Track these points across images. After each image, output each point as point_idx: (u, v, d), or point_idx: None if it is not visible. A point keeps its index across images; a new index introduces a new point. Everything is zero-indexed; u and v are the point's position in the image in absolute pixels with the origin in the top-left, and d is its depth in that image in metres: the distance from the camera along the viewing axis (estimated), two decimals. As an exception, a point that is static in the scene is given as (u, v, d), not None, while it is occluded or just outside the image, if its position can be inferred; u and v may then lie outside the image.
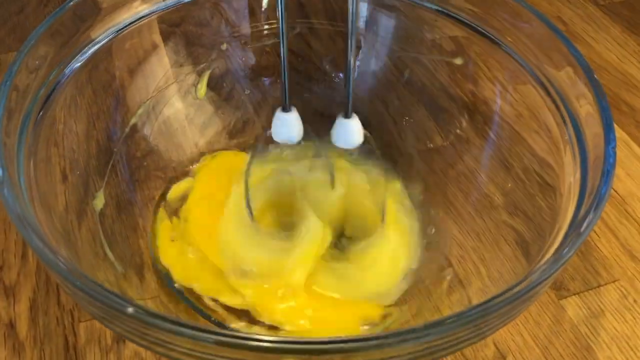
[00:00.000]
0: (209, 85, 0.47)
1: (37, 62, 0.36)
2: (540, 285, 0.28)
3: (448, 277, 0.40)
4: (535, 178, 0.39)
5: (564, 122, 0.37)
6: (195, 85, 0.47)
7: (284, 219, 0.42)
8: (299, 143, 0.39)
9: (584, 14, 0.63)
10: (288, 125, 0.38)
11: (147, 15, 0.43)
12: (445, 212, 0.43)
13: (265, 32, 0.47)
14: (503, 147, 0.43)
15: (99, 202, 0.40)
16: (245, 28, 0.47)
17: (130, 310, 0.24)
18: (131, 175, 0.43)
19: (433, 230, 0.42)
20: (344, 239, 0.42)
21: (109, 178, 0.41)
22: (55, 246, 0.30)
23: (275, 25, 0.47)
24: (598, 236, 0.44)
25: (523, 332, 0.38)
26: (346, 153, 0.43)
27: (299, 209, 0.41)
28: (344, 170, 0.43)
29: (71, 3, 0.38)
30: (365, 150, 0.41)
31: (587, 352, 0.38)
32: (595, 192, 0.30)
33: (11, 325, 0.38)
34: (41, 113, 0.36)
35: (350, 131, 0.38)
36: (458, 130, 0.45)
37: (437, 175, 0.45)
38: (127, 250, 0.39)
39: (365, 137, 0.39)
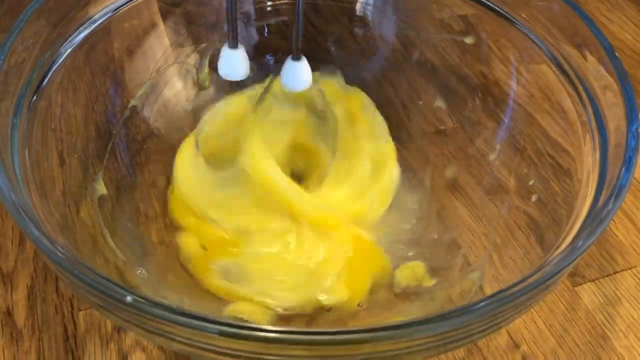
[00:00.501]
0: (210, 65, 0.45)
1: (30, 42, 0.35)
2: (557, 275, 0.27)
3: (459, 264, 0.39)
4: (549, 162, 0.38)
5: (582, 103, 0.35)
6: (197, 69, 0.45)
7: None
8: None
9: (597, -8, 0.61)
10: (235, 63, 0.37)
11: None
12: (455, 196, 0.42)
13: (269, 9, 0.46)
14: (515, 130, 0.41)
15: (101, 187, 0.38)
16: (249, 6, 0.46)
17: (129, 299, 0.23)
18: (131, 158, 0.42)
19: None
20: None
21: (108, 162, 0.40)
22: (52, 234, 0.29)
23: (278, 2, 0.46)
24: (614, 222, 0.42)
25: (537, 320, 0.37)
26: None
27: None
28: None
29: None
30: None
31: (603, 340, 0.37)
32: (616, 180, 0.29)
33: (8, 313, 0.37)
34: (36, 95, 0.35)
35: (298, 74, 0.36)
36: (469, 113, 0.44)
37: (447, 158, 0.43)
38: (128, 236, 0.38)
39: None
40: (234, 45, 0.36)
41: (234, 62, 0.37)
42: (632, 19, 0.58)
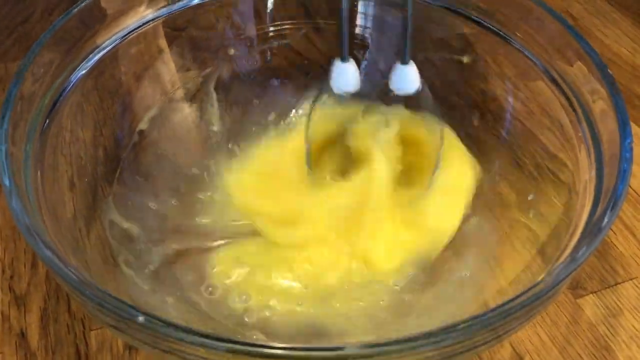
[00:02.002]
0: (216, 89, 0.46)
1: (42, 70, 0.36)
2: (558, 286, 0.27)
3: (462, 278, 0.39)
4: (549, 176, 0.39)
5: (578, 118, 0.36)
6: (203, 92, 0.46)
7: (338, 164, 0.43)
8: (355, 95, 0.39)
9: (592, 8, 0.62)
10: (346, 75, 0.38)
11: (152, 20, 0.43)
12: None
13: (272, 34, 0.47)
14: (515, 145, 0.42)
15: (111, 210, 0.39)
16: (251, 31, 0.47)
17: (141, 319, 0.23)
18: (140, 181, 0.43)
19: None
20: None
21: (118, 185, 0.41)
22: (65, 256, 0.29)
23: (281, 27, 0.47)
24: (614, 233, 0.43)
25: (540, 332, 0.38)
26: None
27: (357, 151, 0.42)
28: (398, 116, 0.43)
29: (76, 10, 0.38)
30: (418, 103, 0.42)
31: (607, 351, 0.37)
32: (612, 191, 0.30)
33: (22, 335, 0.38)
34: (47, 121, 0.36)
35: (407, 76, 0.38)
36: (469, 129, 0.45)
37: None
38: (138, 257, 0.39)
39: (422, 85, 0.39)
40: (345, 59, 0.38)
41: (347, 75, 0.38)
42: (628, 33, 0.59)
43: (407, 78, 0.38)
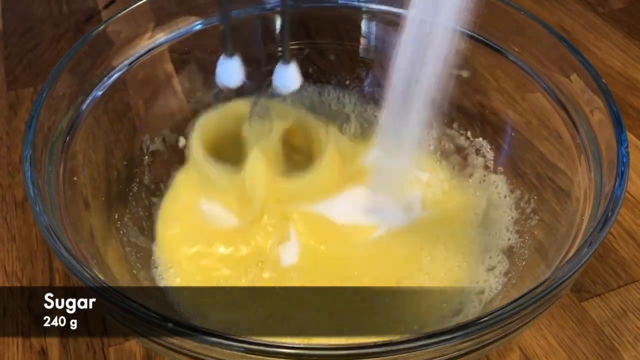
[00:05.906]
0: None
1: (57, 100, 0.37)
2: (562, 285, 0.28)
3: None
4: (549, 184, 0.40)
5: (576, 128, 0.38)
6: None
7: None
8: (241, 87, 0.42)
9: (584, 22, 0.64)
10: (230, 70, 0.40)
11: (158, 46, 0.44)
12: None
13: (280, 53, 0.48)
14: (515, 156, 0.43)
15: (126, 229, 0.40)
16: (257, 52, 0.49)
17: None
18: (151, 201, 0.44)
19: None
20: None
21: (131, 205, 0.42)
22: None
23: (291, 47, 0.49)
24: (615, 238, 0.44)
25: (547, 335, 0.39)
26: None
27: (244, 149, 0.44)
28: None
29: (85, 40, 0.39)
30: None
31: (612, 352, 0.38)
32: (611, 193, 0.31)
33: (43, 353, 0.39)
34: (64, 145, 0.37)
35: (289, 75, 0.41)
36: (469, 141, 0.46)
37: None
38: (157, 274, 0.40)
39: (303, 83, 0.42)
40: (229, 55, 0.39)
41: (230, 70, 0.40)
42: (619, 45, 0.61)
43: (289, 77, 0.41)
